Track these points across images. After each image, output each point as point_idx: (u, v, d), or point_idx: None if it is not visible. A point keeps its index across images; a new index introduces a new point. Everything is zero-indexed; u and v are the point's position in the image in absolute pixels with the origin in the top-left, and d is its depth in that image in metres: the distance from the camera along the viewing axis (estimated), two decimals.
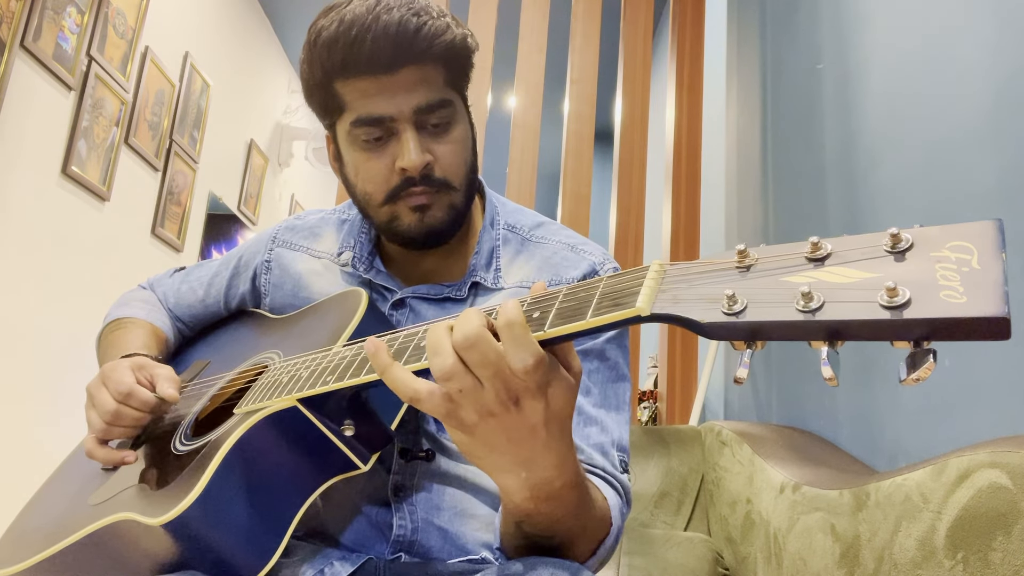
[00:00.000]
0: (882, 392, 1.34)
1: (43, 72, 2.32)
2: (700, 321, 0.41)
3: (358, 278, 0.90)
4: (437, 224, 0.82)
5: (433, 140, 0.80)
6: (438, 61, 0.78)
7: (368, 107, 0.78)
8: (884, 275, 0.37)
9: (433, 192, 0.80)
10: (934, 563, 0.79)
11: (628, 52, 2.52)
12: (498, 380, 0.50)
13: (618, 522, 0.73)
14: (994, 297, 0.34)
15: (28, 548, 0.79)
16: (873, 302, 0.36)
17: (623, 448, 0.81)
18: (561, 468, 0.57)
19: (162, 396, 0.80)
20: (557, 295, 0.51)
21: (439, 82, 0.79)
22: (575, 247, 0.90)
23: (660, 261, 0.48)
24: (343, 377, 0.64)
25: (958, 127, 1.18)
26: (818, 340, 0.39)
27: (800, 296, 0.38)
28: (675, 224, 2.40)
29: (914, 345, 0.37)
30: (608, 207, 2.59)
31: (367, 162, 0.81)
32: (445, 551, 0.79)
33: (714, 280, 0.43)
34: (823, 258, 0.40)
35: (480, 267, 0.87)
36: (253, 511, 0.66)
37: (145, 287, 1.09)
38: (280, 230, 0.99)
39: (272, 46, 4.34)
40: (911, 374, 0.37)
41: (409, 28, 0.75)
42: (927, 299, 0.35)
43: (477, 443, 0.55)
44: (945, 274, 0.36)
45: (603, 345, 0.84)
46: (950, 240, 0.37)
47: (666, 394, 2.30)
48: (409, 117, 0.78)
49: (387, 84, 0.77)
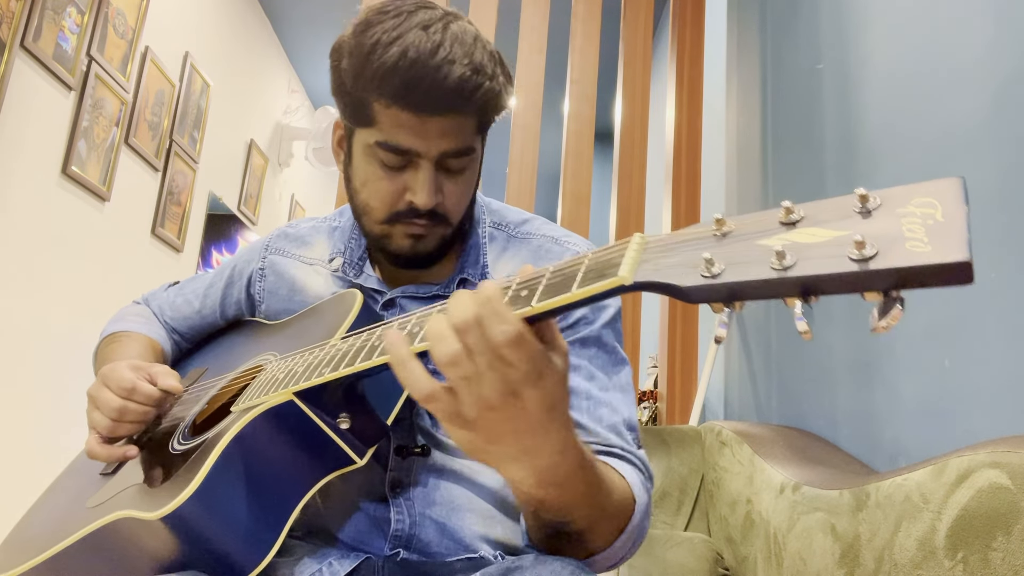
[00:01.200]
0: (882, 392, 1.34)
1: (43, 72, 2.32)
2: (680, 285, 0.43)
3: (348, 283, 0.91)
4: (425, 252, 0.84)
5: (447, 179, 0.82)
6: (473, 108, 0.78)
7: (398, 137, 0.78)
8: (853, 232, 0.39)
9: (432, 225, 0.82)
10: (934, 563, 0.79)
11: (628, 52, 2.52)
12: (495, 368, 0.51)
13: (643, 498, 0.74)
14: (957, 243, 0.35)
15: (27, 552, 0.79)
16: (842, 256, 0.38)
17: (633, 427, 0.83)
18: (564, 453, 0.58)
19: (165, 388, 0.82)
20: (544, 273, 0.53)
21: (471, 130, 0.80)
22: (559, 239, 0.92)
23: (641, 233, 0.50)
24: (338, 368, 0.65)
25: (958, 127, 1.18)
26: (792, 296, 0.40)
27: (774, 255, 0.40)
28: (675, 224, 2.39)
29: (884, 295, 0.38)
30: (608, 207, 2.59)
31: (379, 180, 0.81)
32: (443, 545, 0.80)
33: (693, 247, 0.44)
34: (795, 222, 0.42)
35: (468, 265, 0.89)
36: (250, 505, 0.66)
37: (140, 302, 1.10)
38: (273, 238, 1.01)
39: (272, 46, 4.34)
40: (880, 321, 0.39)
41: (466, 88, 0.75)
42: (894, 250, 0.37)
43: (480, 439, 0.55)
44: (911, 227, 0.38)
45: (599, 331, 0.86)
46: (915, 197, 0.39)
47: (666, 394, 2.30)
48: (434, 158, 0.79)
49: (425, 124, 0.77)
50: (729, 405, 2.27)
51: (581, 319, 0.86)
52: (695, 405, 2.19)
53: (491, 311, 0.50)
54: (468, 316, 0.50)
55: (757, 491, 1.41)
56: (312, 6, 4.06)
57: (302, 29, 4.31)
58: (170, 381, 0.83)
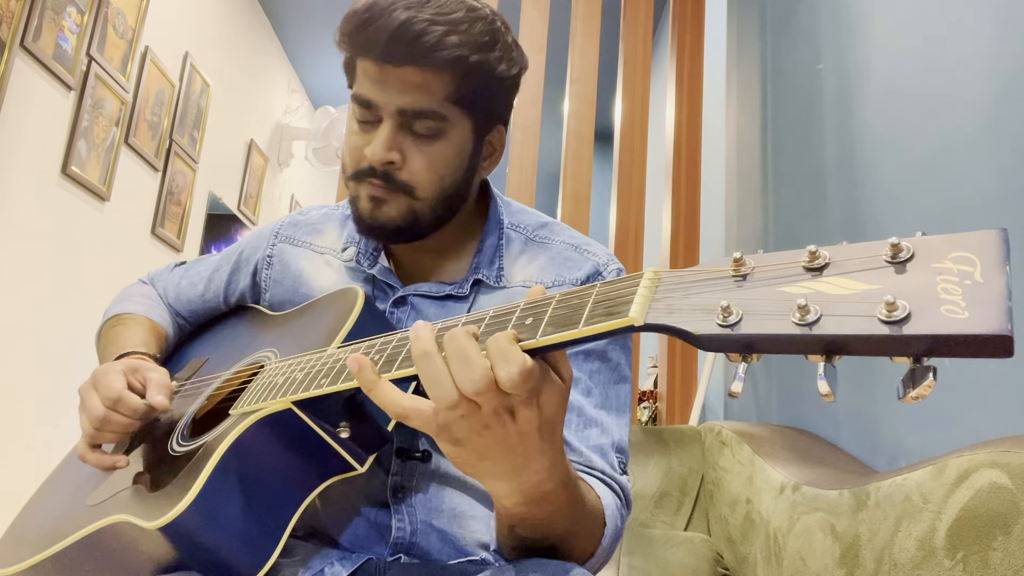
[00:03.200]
0: (882, 392, 1.34)
1: (43, 72, 2.32)
2: (694, 333, 0.40)
3: (361, 273, 0.90)
4: (388, 222, 0.81)
5: (412, 144, 0.80)
6: (443, 71, 0.77)
7: (363, 88, 0.80)
8: (883, 287, 0.36)
9: (390, 190, 0.80)
10: (934, 563, 0.79)
11: (628, 52, 2.52)
12: (494, 399, 0.50)
13: (615, 522, 0.72)
14: (997, 313, 0.33)
15: (27, 548, 0.79)
16: (872, 316, 0.35)
17: (622, 450, 0.81)
18: (552, 471, 0.57)
19: (151, 404, 0.79)
20: (550, 301, 0.51)
21: (439, 94, 0.78)
22: (579, 247, 0.90)
23: (655, 268, 0.47)
24: (336, 381, 0.64)
25: (958, 128, 1.18)
26: (815, 354, 0.38)
27: (796, 308, 0.37)
28: (675, 224, 2.39)
29: (914, 361, 0.36)
30: (608, 207, 2.59)
31: (352, 135, 0.83)
32: (444, 552, 0.79)
33: (709, 289, 0.42)
34: (821, 267, 0.39)
35: (483, 265, 0.87)
36: (249, 513, 0.66)
37: (146, 281, 1.09)
38: (283, 225, 0.99)
39: (272, 46, 4.34)
40: (910, 392, 0.36)
41: (411, 30, 0.75)
42: (927, 314, 0.34)
43: (469, 454, 0.54)
44: (947, 287, 0.35)
45: (605, 346, 0.84)
46: (952, 251, 0.36)
47: (666, 394, 2.29)
48: (392, 114, 0.78)
49: (387, 74, 0.77)
50: (729, 405, 2.27)
51: None
52: (695, 405, 2.19)
53: (498, 353, 0.49)
54: (475, 377, 0.49)
55: (757, 491, 1.41)
56: (312, 6, 4.06)
57: (302, 29, 4.31)
58: (158, 397, 0.79)
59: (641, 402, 2.43)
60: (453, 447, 0.54)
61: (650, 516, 1.71)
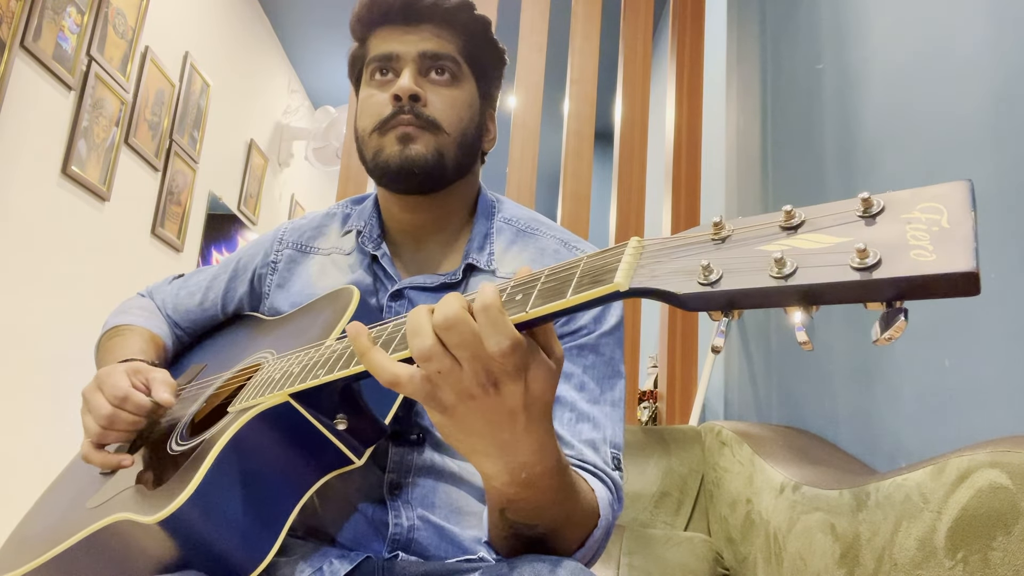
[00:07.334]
0: (882, 392, 1.34)
1: (43, 72, 2.32)
2: (677, 293, 0.42)
3: (366, 256, 0.92)
4: (418, 159, 0.84)
5: (432, 85, 0.87)
6: (455, 29, 0.89)
7: (382, 47, 0.88)
8: (855, 238, 0.38)
9: (419, 126, 0.85)
10: (934, 563, 0.79)
11: (628, 52, 2.52)
12: (476, 362, 0.50)
13: (607, 516, 0.72)
14: (963, 253, 0.34)
15: (28, 552, 0.79)
16: (845, 265, 0.37)
17: (616, 445, 0.81)
18: (541, 453, 0.57)
19: (157, 400, 0.80)
20: (539, 276, 0.52)
21: (452, 46, 0.89)
22: (568, 243, 0.92)
23: (639, 237, 0.49)
24: (333, 369, 0.65)
25: (958, 127, 1.18)
26: (792, 305, 0.39)
27: (773, 263, 0.39)
28: (675, 224, 2.39)
29: (886, 305, 0.37)
30: (608, 207, 2.59)
31: (370, 97, 0.88)
32: (442, 549, 0.80)
33: (690, 253, 0.43)
34: (796, 226, 0.41)
35: (473, 251, 0.89)
36: (248, 507, 0.66)
37: (144, 295, 1.10)
38: (286, 231, 1.00)
39: (272, 46, 4.34)
40: (883, 333, 0.37)
41: None
42: (897, 259, 0.36)
43: (456, 425, 0.55)
44: (915, 234, 0.36)
45: (598, 340, 0.85)
46: (921, 202, 0.38)
47: (666, 394, 2.29)
48: (414, 58, 0.87)
49: (404, 32, 0.88)
50: (729, 405, 2.27)
51: (582, 327, 0.85)
52: (695, 405, 2.19)
53: (488, 321, 0.50)
54: (449, 314, 0.50)
55: (757, 491, 1.41)
56: (312, 6, 4.06)
57: (302, 29, 4.31)
58: (164, 394, 0.80)
59: (641, 402, 2.43)
60: (441, 416, 0.55)
61: (650, 516, 1.71)
